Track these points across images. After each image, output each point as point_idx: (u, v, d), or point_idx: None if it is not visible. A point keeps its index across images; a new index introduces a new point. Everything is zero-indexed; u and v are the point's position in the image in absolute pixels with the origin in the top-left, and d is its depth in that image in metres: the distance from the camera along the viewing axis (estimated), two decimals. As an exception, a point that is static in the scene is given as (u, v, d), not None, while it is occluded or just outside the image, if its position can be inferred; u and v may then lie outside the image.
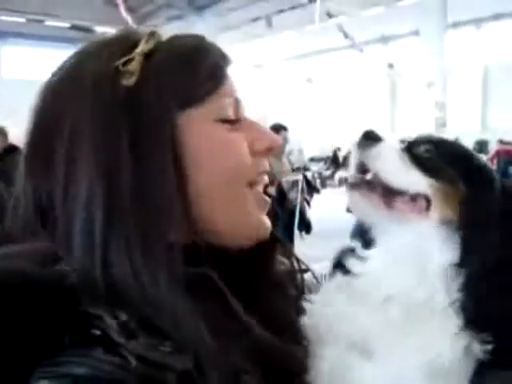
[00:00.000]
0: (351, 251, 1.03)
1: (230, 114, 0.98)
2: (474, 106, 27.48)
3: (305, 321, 0.98)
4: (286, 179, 7.52)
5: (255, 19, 23.56)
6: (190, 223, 0.92)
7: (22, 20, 25.40)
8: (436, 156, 1.00)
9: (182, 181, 0.91)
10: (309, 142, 28.84)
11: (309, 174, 11.45)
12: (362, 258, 1.00)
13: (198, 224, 0.93)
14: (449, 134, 17.69)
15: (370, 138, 1.02)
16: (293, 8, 21.90)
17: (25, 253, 0.89)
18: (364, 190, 1.00)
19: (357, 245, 1.03)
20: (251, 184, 0.98)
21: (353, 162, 1.04)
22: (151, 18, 24.79)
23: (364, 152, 1.01)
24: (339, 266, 1.04)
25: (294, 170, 8.42)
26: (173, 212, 0.90)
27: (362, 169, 1.02)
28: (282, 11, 22.35)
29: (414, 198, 0.97)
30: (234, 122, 0.98)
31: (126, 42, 0.97)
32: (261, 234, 1.00)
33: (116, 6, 21.69)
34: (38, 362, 0.79)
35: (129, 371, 0.77)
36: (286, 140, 7.85)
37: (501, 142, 19.17)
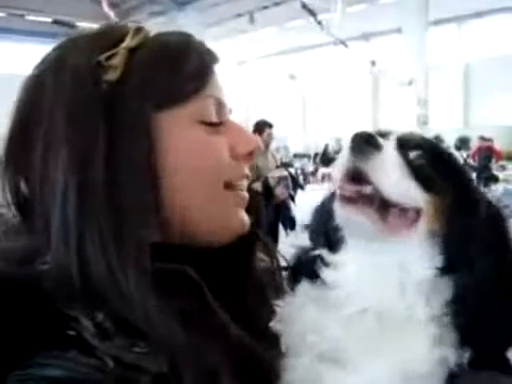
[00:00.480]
0: (317, 256, 0.97)
1: (212, 117, 0.97)
2: (455, 103, 27.64)
3: (276, 326, 0.97)
4: (272, 175, 7.51)
5: (238, 15, 23.50)
6: (164, 222, 0.92)
7: (3, 15, 25.11)
8: (427, 165, 0.94)
9: (156, 180, 0.90)
10: (292, 138, 28.85)
11: (292, 170, 11.48)
12: (330, 265, 0.96)
13: (174, 223, 0.93)
14: (431, 131, 17.81)
15: (369, 144, 0.89)
16: (276, 4, 21.88)
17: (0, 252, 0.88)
18: (361, 205, 0.90)
19: (321, 250, 0.98)
20: (230, 186, 0.98)
21: (343, 169, 0.91)
22: (134, 14, 24.64)
23: (362, 160, 0.89)
24: (300, 269, 1.01)
25: (279, 167, 8.42)
26: (145, 210, 0.89)
27: (354, 177, 0.90)
28: (265, 7, 22.32)
29: (406, 210, 0.91)
30: (216, 124, 0.97)
31: (110, 37, 0.96)
32: (238, 231, 0.99)
33: (98, 1, 21.52)
34: (12, 365, 0.77)
35: (105, 373, 0.77)
36: (270, 137, 7.88)
37: (482, 138, 19.29)
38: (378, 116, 29.58)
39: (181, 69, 0.95)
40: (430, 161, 0.94)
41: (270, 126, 7.92)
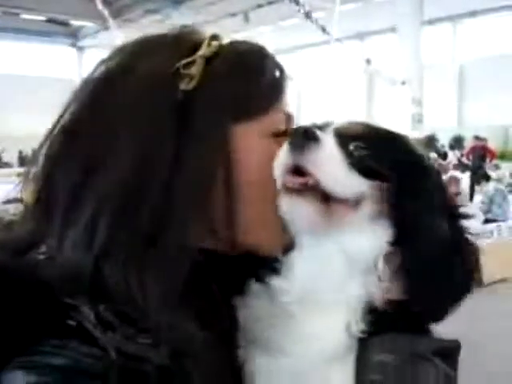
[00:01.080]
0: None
1: (282, 129, 0.97)
2: (450, 102, 27.69)
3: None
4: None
5: (233, 14, 23.50)
6: (212, 231, 0.92)
7: (-3, 13, 25.06)
8: (367, 153, 0.95)
9: (229, 190, 0.90)
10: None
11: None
12: (276, 270, 0.98)
13: (226, 232, 0.92)
14: (425, 130, 17.84)
15: (307, 138, 0.91)
16: (270, 3, 21.90)
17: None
18: (305, 196, 0.91)
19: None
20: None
21: (284, 163, 0.92)
22: (128, 12, 24.62)
23: (301, 154, 0.90)
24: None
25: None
26: (194, 223, 0.88)
27: (296, 171, 0.91)
28: (259, 6, 22.32)
29: (347, 199, 0.92)
30: (283, 135, 0.96)
31: (185, 43, 0.95)
32: (283, 244, 0.98)
33: (92, -1, 21.47)
34: (13, 352, 0.78)
35: (109, 363, 0.77)
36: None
37: (476, 138, 19.35)
38: (373, 115, 29.60)
39: (258, 82, 0.95)
40: (371, 148, 0.95)
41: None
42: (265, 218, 0.95)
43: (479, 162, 18.59)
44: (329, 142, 0.93)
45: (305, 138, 0.91)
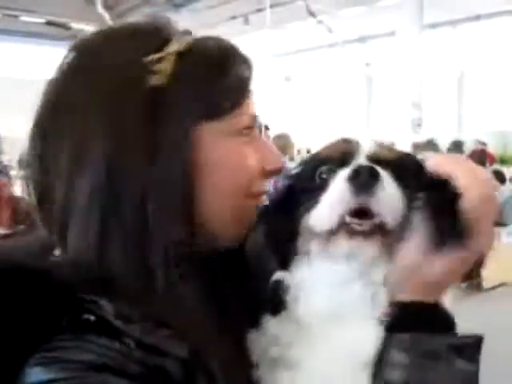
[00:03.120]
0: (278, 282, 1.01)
1: (249, 128, 0.99)
2: (450, 106, 27.68)
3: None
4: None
5: (233, 17, 23.49)
6: (192, 224, 0.94)
7: (-3, 16, 25.04)
8: (401, 180, 0.97)
9: (191, 191, 0.92)
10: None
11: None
12: (289, 287, 1.01)
13: (197, 228, 0.95)
14: (425, 135, 17.81)
15: (372, 177, 0.90)
16: (271, 6, 21.88)
17: (20, 246, 0.94)
18: (371, 238, 0.93)
19: (282, 275, 1.01)
20: (252, 197, 1.01)
21: (347, 203, 0.91)
22: (129, 15, 24.62)
23: (367, 195, 0.90)
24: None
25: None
26: (178, 211, 0.90)
27: (358, 211, 0.91)
28: (259, 10, 22.32)
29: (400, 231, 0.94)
30: (248, 135, 0.99)
31: (155, 37, 0.95)
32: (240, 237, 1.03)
33: (93, 2, 21.48)
34: (33, 348, 0.80)
35: (130, 357, 0.80)
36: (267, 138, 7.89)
37: (478, 142, 19.39)
38: (373, 119, 29.59)
39: (225, 81, 0.96)
40: (404, 176, 0.97)
41: (267, 127, 7.93)
42: (223, 215, 0.97)
43: (479, 165, 18.58)
44: (387, 178, 0.92)
45: (370, 177, 0.89)
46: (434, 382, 0.86)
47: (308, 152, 23.98)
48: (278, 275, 1.02)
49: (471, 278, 1.02)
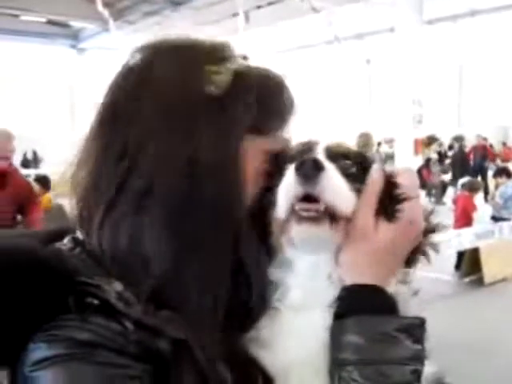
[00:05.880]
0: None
1: (277, 150, 1.07)
2: (450, 102, 27.70)
3: None
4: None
5: (233, 14, 23.49)
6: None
7: (-3, 15, 25.06)
8: (356, 172, 1.06)
9: (237, 200, 0.99)
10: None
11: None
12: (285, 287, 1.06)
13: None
14: (426, 130, 17.82)
15: (316, 168, 0.99)
16: (270, 3, 21.90)
17: (29, 233, 1.01)
18: (317, 222, 0.99)
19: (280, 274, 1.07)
20: None
21: (295, 191, 0.99)
22: (128, 13, 24.63)
23: (312, 183, 0.98)
24: None
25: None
26: (233, 217, 0.98)
27: (304, 199, 0.99)
28: (259, 7, 22.32)
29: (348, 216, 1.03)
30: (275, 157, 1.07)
31: (214, 53, 1.04)
32: None
33: (92, 0, 21.48)
34: (37, 327, 0.86)
35: (128, 338, 0.85)
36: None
37: (479, 137, 19.45)
38: (373, 115, 29.62)
39: (273, 108, 1.05)
40: (356, 165, 1.07)
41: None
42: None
43: (481, 161, 18.60)
44: (331, 168, 1.01)
45: (314, 167, 0.98)
46: (385, 361, 0.92)
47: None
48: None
49: (412, 264, 1.09)
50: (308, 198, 0.99)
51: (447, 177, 18.91)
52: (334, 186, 1.00)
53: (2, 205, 5.66)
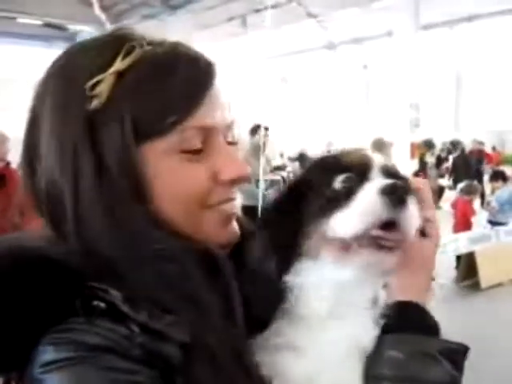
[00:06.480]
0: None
1: (194, 145, 0.97)
2: (447, 106, 27.74)
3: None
4: (265, 178, 7.55)
5: (230, 18, 23.49)
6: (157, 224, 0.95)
7: (-6, 17, 25.02)
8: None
9: (144, 203, 0.94)
10: (283, 141, 28.88)
11: (284, 174, 11.51)
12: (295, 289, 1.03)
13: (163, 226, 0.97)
14: (423, 135, 17.84)
15: (405, 194, 0.95)
16: (268, 8, 21.90)
17: (35, 235, 0.98)
18: (395, 252, 0.98)
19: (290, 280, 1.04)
20: (209, 207, 1.00)
21: (378, 216, 0.94)
22: (125, 17, 24.61)
23: (399, 210, 0.94)
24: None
25: (272, 171, 8.45)
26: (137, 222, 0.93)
27: (383, 224, 0.95)
28: (257, 11, 22.33)
29: None
30: (198, 151, 0.97)
31: (106, 53, 0.95)
32: (223, 244, 1.03)
33: (90, 3, 21.48)
34: (45, 330, 0.86)
35: (134, 341, 0.85)
36: (266, 139, 7.89)
37: (476, 141, 19.48)
38: (370, 119, 29.63)
39: (163, 101, 0.94)
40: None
41: (266, 128, 7.93)
42: (182, 226, 0.98)
43: (477, 165, 18.62)
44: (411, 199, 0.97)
45: (404, 194, 0.95)
46: (422, 380, 0.90)
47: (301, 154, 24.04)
48: (282, 278, 1.04)
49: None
50: (385, 223, 0.95)
51: (444, 181, 18.94)
52: (414, 215, 0.97)
53: (1, 205, 5.65)
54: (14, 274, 0.88)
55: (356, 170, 1.02)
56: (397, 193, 0.94)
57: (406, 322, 0.95)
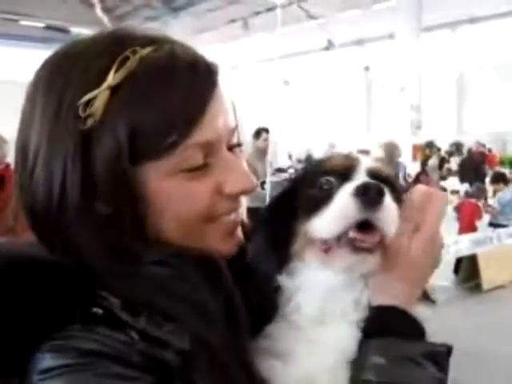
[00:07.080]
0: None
1: (197, 163, 0.91)
2: (449, 108, 27.72)
3: None
4: (269, 180, 7.56)
5: (231, 21, 23.54)
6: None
7: (-4, 20, 25.07)
8: (394, 196, 1.02)
9: (141, 223, 0.91)
10: (286, 143, 28.88)
11: (286, 176, 11.54)
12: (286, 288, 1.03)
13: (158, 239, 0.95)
14: (424, 137, 17.82)
15: (379, 194, 0.93)
16: (269, 10, 21.92)
17: (30, 242, 0.95)
18: (373, 253, 0.96)
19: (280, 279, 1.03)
20: (212, 220, 0.96)
21: (353, 217, 0.93)
22: (127, 19, 24.65)
23: (373, 210, 0.93)
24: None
25: (274, 173, 8.45)
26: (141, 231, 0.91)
27: (360, 225, 0.94)
28: (258, 13, 22.36)
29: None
30: (201, 168, 0.92)
31: (99, 66, 0.87)
32: (224, 254, 0.99)
33: (92, 6, 21.51)
34: (43, 336, 0.85)
35: (133, 348, 0.84)
36: (267, 142, 7.89)
37: (478, 144, 19.49)
38: (372, 121, 29.64)
39: (161, 117, 0.87)
40: (393, 189, 1.02)
41: (267, 131, 7.92)
42: (197, 240, 0.95)
43: (478, 167, 18.61)
44: (388, 194, 0.96)
45: (378, 194, 0.93)
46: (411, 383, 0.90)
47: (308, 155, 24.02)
48: (276, 278, 1.03)
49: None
50: (363, 224, 0.94)
51: (447, 183, 18.93)
52: (392, 215, 0.96)
53: (1, 207, 5.65)
54: (13, 280, 0.87)
55: (338, 172, 1.02)
56: (369, 193, 0.93)
57: (386, 326, 0.94)
